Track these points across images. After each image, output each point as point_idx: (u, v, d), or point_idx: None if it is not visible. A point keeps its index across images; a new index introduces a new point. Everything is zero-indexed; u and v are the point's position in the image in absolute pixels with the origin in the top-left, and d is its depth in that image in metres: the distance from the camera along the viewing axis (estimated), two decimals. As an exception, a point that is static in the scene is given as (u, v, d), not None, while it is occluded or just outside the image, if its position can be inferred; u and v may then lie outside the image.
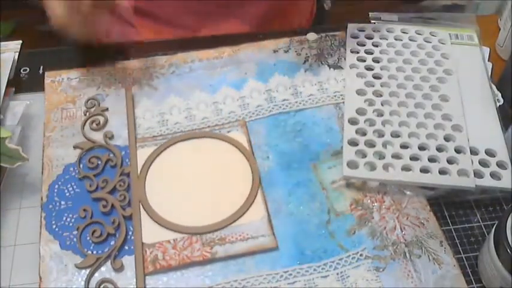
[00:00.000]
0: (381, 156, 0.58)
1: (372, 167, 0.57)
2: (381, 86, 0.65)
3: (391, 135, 0.59)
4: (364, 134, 0.60)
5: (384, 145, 0.59)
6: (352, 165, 0.57)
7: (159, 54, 0.68)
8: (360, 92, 0.64)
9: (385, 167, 0.57)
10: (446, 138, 0.59)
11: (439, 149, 0.59)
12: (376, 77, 0.66)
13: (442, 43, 0.70)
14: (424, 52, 0.68)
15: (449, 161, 0.57)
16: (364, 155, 0.58)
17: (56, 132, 0.60)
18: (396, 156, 0.58)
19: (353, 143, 0.59)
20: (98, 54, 0.66)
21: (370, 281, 0.50)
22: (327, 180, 0.57)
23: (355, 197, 0.56)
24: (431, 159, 0.57)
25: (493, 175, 0.57)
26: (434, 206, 0.56)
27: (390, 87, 0.64)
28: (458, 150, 0.58)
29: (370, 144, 0.59)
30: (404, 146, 0.59)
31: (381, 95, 0.63)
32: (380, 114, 0.62)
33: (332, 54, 0.69)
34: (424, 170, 0.57)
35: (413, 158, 0.58)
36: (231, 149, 0.59)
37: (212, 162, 0.58)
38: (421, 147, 0.58)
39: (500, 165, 0.58)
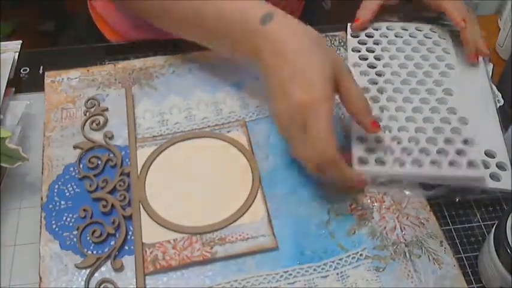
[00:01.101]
0: (390, 152, 0.57)
1: (382, 162, 0.57)
2: (385, 83, 0.64)
3: (398, 131, 0.59)
4: None
5: (392, 140, 0.58)
6: (361, 161, 0.57)
7: (159, 54, 0.68)
8: (364, 90, 0.64)
9: (395, 162, 0.56)
10: (453, 131, 0.59)
11: (447, 141, 0.58)
12: (379, 74, 0.65)
13: (443, 38, 0.70)
14: (425, 48, 0.68)
15: (458, 153, 0.57)
16: (373, 151, 0.58)
17: (56, 132, 0.60)
18: (405, 150, 0.57)
19: (361, 139, 0.59)
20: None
21: (370, 281, 0.50)
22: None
23: (355, 197, 0.56)
24: (440, 152, 0.57)
25: (493, 176, 0.57)
26: (434, 206, 0.56)
27: (394, 83, 0.64)
28: (465, 142, 0.58)
29: (378, 140, 0.59)
30: (412, 141, 0.58)
31: (385, 92, 0.63)
32: (386, 110, 0.61)
33: (332, 54, 0.68)
34: (433, 163, 0.56)
35: (422, 152, 0.57)
36: (231, 149, 0.59)
37: (212, 162, 0.58)
38: (429, 141, 0.58)
39: (500, 166, 0.58)
